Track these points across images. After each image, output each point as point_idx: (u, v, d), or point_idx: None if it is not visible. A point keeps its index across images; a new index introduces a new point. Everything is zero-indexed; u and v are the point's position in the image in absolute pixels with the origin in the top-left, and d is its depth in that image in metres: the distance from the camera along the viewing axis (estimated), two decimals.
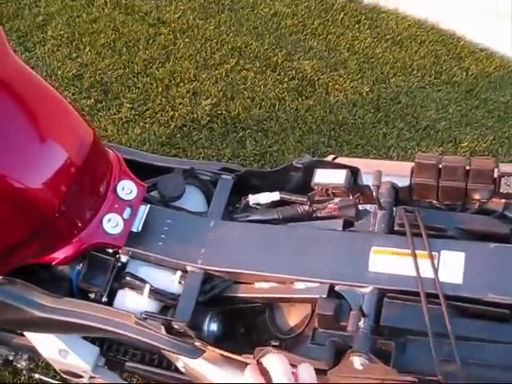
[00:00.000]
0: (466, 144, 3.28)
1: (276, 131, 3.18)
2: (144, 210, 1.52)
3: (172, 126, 3.16)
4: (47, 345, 1.74)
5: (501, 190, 1.36)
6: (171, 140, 3.11)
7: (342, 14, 3.92)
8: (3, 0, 3.71)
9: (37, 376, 2.14)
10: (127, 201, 1.50)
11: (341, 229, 1.44)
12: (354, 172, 1.46)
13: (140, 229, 1.50)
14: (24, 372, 2.23)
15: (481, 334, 1.23)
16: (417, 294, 1.27)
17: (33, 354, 1.94)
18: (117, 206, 1.48)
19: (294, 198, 1.52)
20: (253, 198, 1.56)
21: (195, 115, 3.20)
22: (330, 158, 1.68)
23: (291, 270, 1.40)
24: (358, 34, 3.81)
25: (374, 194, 1.37)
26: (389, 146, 3.21)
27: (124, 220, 1.48)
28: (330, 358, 1.28)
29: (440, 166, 1.37)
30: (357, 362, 1.24)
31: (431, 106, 3.46)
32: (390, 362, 1.22)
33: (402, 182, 1.47)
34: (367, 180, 1.46)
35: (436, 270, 1.28)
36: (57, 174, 1.37)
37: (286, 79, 3.43)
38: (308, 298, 1.37)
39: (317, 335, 1.36)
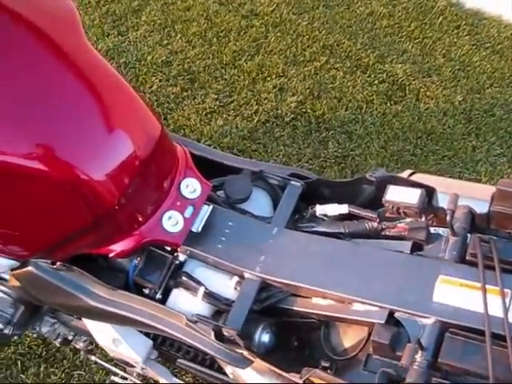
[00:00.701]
0: None
1: (360, 135, 3.09)
2: (207, 210, 1.48)
3: (255, 121, 3.12)
4: (102, 332, 1.74)
5: None
6: (253, 135, 3.07)
7: (441, 17, 3.77)
8: None
9: (93, 358, 2.15)
10: (190, 199, 1.46)
11: (408, 252, 1.36)
12: (430, 192, 1.37)
13: (200, 229, 1.46)
14: (82, 352, 2.25)
15: None
16: (482, 332, 1.17)
17: (89, 337, 1.94)
18: (179, 203, 1.45)
19: (363, 212, 1.45)
20: (320, 209, 1.49)
21: (279, 111, 3.15)
22: (406, 173, 1.58)
23: (351, 290, 1.32)
24: (455, 39, 3.66)
25: (448, 218, 1.28)
26: (477, 160, 3.06)
27: (185, 219, 1.45)
28: None
29: None
30: None
31: None
32: None
33: (482, 208, 1.36)
34: (443, 201, 1.37)
35: (506, 309, 1.17)
36: (120, 165, 1.35)
37: (375, 82, 3.33)
38: (365, 321, 1.30)
39: (370, 361, 1.29)
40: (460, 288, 1.25)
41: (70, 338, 2.04)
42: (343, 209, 1.46)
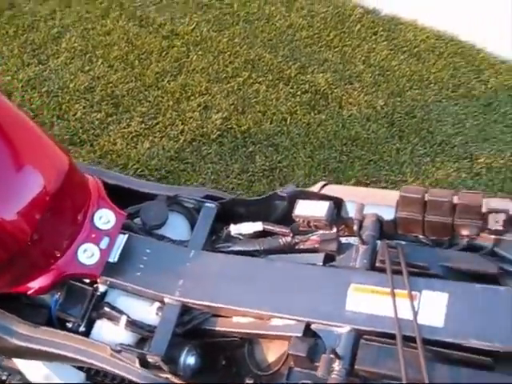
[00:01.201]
0: (482, 160, 3.19)
1: (286, 146, 3.12)
2: (122, 239, 1.48)
3: (181, 141, 3.12)
4: (33, 369, 1.72)
5: (489, 227, 1.29)
6: (180, 155, 3.07)
7: (359, 25, 3.85)
8: (19, 12, 3.72)
9: None
10: (105, 230, 1.47)
11: (321, 263, 1.39)
12: (338, 203, 1.40)
13: (117, 259, 1.46)
14: None
15: (460, 382, 1.16)
16: (395, 336, 1.21)
17: (22, 376, 1.92)
18: (94, 235, 1.45)
19: (276, 228, 1.48)
20: (234, 228, 1.51)
21: (205, 129, 3.16)
22: (319, 185, 1.62)
23: (268, 306, 1.35)
24: (374, 45, 3.74)
25: (355, 228, 1.32)
26: (402, 161, 3.13)
27: (101, 250, 1.45)
28: None
29: (425, 199, 1.31)
30: None
31: (447, 121, 3.38)
32: None
33: (390, 214, 1.40)
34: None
35: (415, 312, 1.21)
36: (30, 202, 1.35)
37: (298, 93, 3.38)
38: (284, 335, 1.32)
39: (292, 374, 1.31)
40: (371, 295, 1.28)
41: (4, 377, 2.01)
42: (257, 226, 1.49)
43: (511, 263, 1.31)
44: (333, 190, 1.59)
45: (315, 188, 1.60)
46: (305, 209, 1.39)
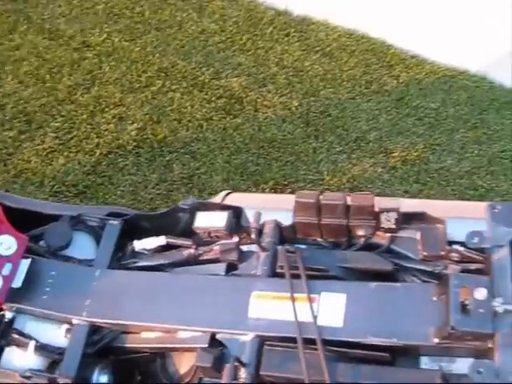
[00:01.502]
0: (396, 154, 3.27)
1: (204, 153, 3.14)
2: (25, 264, 1.47)
3: (97, 154, 3.10)
4: None
5: (382, 225, 1.33)
6: (96, 168, 3.05)
7: (271, 27, 3.89)
8: None
9: None
10: (6, 256, 1.45)
11: (223, 273, 1.41)
12: (238, 212, 1.42)
13: (20, 284, 1.45)
14: None
15: (362, 378, 1.20)
16: (296, 340, 1.23)
17: None
18: None
19: (179, 241, 1.49)
20: (138, 244, 1.52)
21: (121, 141, 3.15)
22: (222, 194, 1.64)
23: (173, 320, 1.36)
24: (287, 47, 3.79)
25: (253, 236, 1.34)
26: (319, 160, 3.19)
27: (3, 277, 1.43)
28: None
29: (320, 203, 1.35)
30: None
31: (362, 117, 3.45)
32: None
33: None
34: (267, 217, 1.43)
35: (314, 314, 1.24)
36: None
37: (213, 98, 3.39)
38: (191, 347, 1.33)
39: None
40: (272, 301, 1.31)
41: None
42: (160, 241, 1.49)
43: (407, 259, 1.36)
44: (237, 197, 1.62)
45: (218, 197, 1.62)
46: (204, 220, 1.40)
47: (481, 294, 1.15)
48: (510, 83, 3.86)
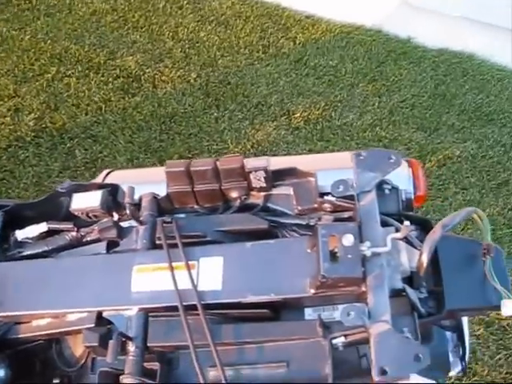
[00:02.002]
0: (298, 114, 3.32)
1: (105, 135, 3.11)
2: None
3: None
4: None
5: (253, 185, 1.35)
6: None
7: (163, 2, 3.86)
8: None
9: None
10: None
11: (104, 252, 1.40)
12: (114, 190, 1.42)
13: None
14: None
15: (245, 336, 1.23)
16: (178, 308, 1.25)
17: None
18: None
19: (61, 226, 1.47)
20: (20, 233, 1.49)
21: (19, 133, 3.09)
22: (103, 174, 1.63)
23: (60, 304, 1.35)
24: (181, 20, 3.77)
25: (128, 211, 1.34)
26: (222, 129, 3.20)
27: None
28: None
29: (190, 171, 1.35)
30: None
31: (261, 82, 3.47)
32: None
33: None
34: (139, 193, 1.43)
35: (193, 280, 1.25)
36: None
37: (110, 79, 3.36)
38: (79, 328, 1.33)
39: (95, 364, 1.33)
40: (154, 273, 1.31)
41: None
42: (42, 227, 1.48)
43: (284, 215, 1.39)
44: (117, 176, 1.61)
45: (99, 177, 1.61)
46: (80, 201, 1.39)
47: (348, 240, 1.18)
48: (405, 34, 3.96)
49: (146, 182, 1.49)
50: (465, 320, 1.46)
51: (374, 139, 3.30)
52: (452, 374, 1.46)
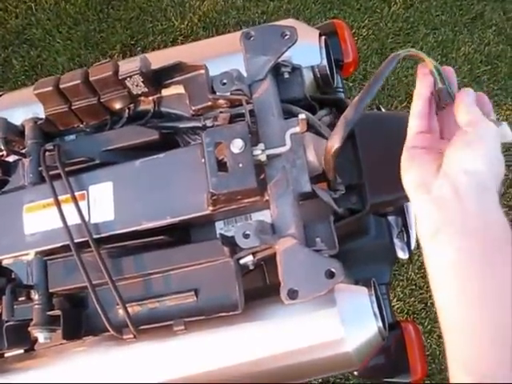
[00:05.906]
0: None
1: (40, 37, 2.88)
2: None
3: None
4: None
5: (134, 92, 1.18)
6: None
7: None
8: None
9: None
10: None
11: None
12: None
13: None
14: None
15: (145, 267, 1.11)
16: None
17: None
18: None
19: None
20: None
21: None
22: None
23: None
24: None
25: (1, 146, 1.19)
26: (164, 7, 2.95)
27: None
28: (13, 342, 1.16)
29: (60, 88, 1.18)
30: (41, 337, 1.12)
31: None
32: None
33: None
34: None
35: (81, 213, 1.12)
36: None
37: None
38: None
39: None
40: (44, 210, 1.17)
41: None
42: None
43: (179, 119, 1.22)
44: (8, 99, 1.45)
45: None
46: None
47: (236, 146, 1.01)
48: None
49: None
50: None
51: None
52: (400, 257, 1.34)
